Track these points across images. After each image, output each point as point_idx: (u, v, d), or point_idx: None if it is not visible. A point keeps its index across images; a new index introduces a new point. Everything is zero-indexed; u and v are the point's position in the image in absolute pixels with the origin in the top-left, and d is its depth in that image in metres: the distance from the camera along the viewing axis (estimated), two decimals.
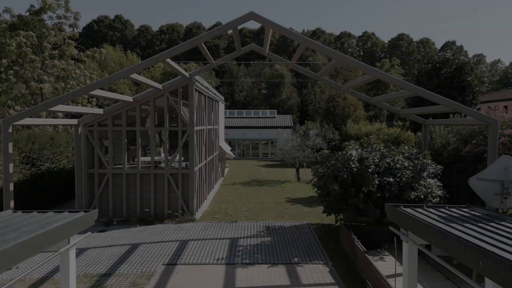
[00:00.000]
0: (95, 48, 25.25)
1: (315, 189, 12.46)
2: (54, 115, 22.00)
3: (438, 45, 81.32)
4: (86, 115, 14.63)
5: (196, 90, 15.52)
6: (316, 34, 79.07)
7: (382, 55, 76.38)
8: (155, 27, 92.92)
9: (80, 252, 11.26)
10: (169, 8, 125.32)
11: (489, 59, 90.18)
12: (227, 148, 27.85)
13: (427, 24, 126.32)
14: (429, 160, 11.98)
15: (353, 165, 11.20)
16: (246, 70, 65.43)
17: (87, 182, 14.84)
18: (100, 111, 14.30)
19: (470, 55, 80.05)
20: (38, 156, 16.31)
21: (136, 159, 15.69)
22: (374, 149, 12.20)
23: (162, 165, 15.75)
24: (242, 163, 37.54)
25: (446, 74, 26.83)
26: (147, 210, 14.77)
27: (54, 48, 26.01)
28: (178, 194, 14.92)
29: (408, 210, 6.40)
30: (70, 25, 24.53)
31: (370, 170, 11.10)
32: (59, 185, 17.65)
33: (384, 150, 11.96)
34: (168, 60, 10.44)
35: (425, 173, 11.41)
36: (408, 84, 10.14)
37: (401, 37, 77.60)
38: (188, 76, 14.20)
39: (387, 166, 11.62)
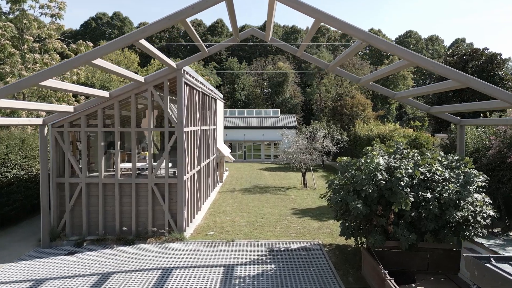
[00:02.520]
0: (80, 41, 22.89)
1: (329, 203, 10.00)
2: (19, 114, 19.68)
3: (447, 43, 78.60)
4: (54, 114, 12.26)
5: (186, 84, 13.13)
6: (321, 31, 76.48)
7: (389, 53, 73.73)
8: None
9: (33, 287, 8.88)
10: (169, 5, 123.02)
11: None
12: (226, 150, 25.45)
13: (435, 21, 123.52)
14: (474, 169, 9.53)
15: (380, 177, 8.76)
16: (248, 67, 63.00)
17: (56, 194, 12.47)
18: (69, 108, 11.93)
19: None
20: (3, 162, 13.97)
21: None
22: (405, 156, 9.74)
23: (147, 172, 13.37)
24: (243, 166, 35.13)
25: (474, 67, 23.97)
26: (125, 228, 12.38)
27: (39, 42, 23.77)
28: (165, 207, 12.53)
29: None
30: (52, 15, 22.15)
31: (402, 184, 8.65)
32: (30, 195, 15.29)
33: (418, 158, 9.50)
34: (143, 41, 8.06)
35: (472, 187, 8.95)
36: (458, 72, 7.72)
37: (409, 34, 74.93)
38: (175, 66, 11.81)
39: (422, 177, 9.17)
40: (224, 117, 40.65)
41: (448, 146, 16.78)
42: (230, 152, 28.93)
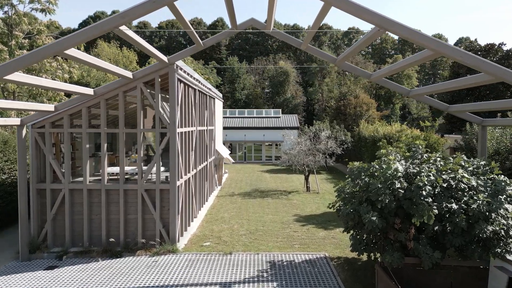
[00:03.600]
0: None
1: (338, 214, 8.84)
2: (7, 114, 18.57)
3: (452, 41, 77.33)
4: (34, 113, 11.14)
5: (180, 80, 12.00)
6: (322, 29, 75.33)
7: (392, 52, 72.52)
8: (154, 23, 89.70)
9: None
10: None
11: None
12: (225, 152, 24.32)
13: (440, 18, 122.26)
14: (503, 176, 8.38)
15: (398, 185, 7.61)
16: (248, 67, 61.89)
17: (37, 201, 11.35)
18: (50, 107, 10.81)
19: None
20: None
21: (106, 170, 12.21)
22: (426, 160, 8.58)
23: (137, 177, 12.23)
24: (243, 167, 33.99)
25: None
26: (112, 240, 11.24)
27: (29, 38, 22.69)
28: (156, 216, 11.40)
29: None
30: (42, 10, 21.04)
31: (424, 193, 7.50)
32: (13, 201, 14.18)
33: (441, 163, 8.35)
34: (123, 28, 6.93)
35: (503, 196, 7.79)
36: (492, 64, 6.58)
37: None
38: (166, 60, 10.68)
39: (445, 185, 8.03)
40: (224, 117, 39.53)
41: (463, 148, 15.66)
42: (229, 154, 27.81)
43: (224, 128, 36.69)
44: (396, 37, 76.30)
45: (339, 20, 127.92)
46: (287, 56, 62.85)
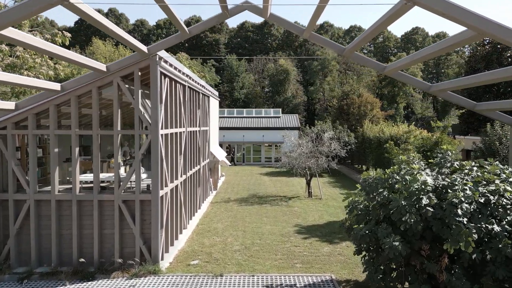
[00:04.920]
0: (56, 31, 20.24)
1: (350, 235, 7.27)
2: None
3: None
4: None
5: (164, 75, 10.45)
6: (324, 27, 73.85)
7: (395, 50, 70.92)
8: (151, 21, 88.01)
9: None
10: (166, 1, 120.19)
11: None
12: (221, 154, 22.77)
13: (440, 18, 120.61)
14: None
15: (427, 202, 6.07)
16: (248, 65, 60.36)
17: None
18: (10, 105, 9.27)
19: None
20: None
21: (83, 177, 10.68)
22: (458, 169, 7.01)
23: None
24: (241, 170, 32.44)
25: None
26: (82, 260, 9.70)
27: None
28: (135, 231, 9.86)
29: None
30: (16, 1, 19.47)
31: (460, 212, 5.96)
32: None
33: (477, 173, 6.78)
34: (73, 1, 5.37)
35: None
36: None
37: (415, 31, 72.13)
38: (145, 50, 9.13)
39: (482, 201, 6.48)
40: (222, 117, 37.99)
41: (483, 151, 14.13)
42: (226, 156, 26.25)
43: (222, 128, 35.16)
44: (399, 35, 74.75)
45: (339, 19, 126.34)
46: (287, 54, 61.28)
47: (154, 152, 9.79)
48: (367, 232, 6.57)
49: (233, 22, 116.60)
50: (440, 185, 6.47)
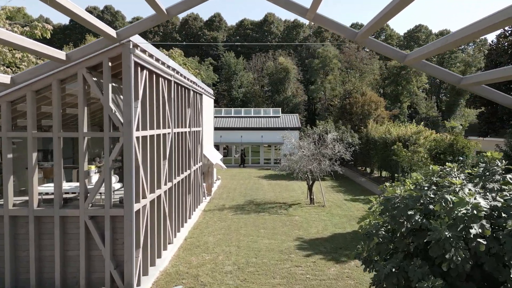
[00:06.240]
0: (35, 23, 18.61)
1: (369, 271, 5.59)
2: None
3: None
4: None
5: (141, 66, 8.81)
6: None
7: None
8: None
9: None
10: (165, 2, 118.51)
11: None
12: (215, 157, 21.12)
13: (446, 14, 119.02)
14: None
15: (479, 231, 4.42)
16: (246, 63, 58.71)
17: None
18: None
19: None
20: None
21: (42, 188, 9.04)
22: (508, 183, 5.32)
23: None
24: (238, 173, 30.79)
25: None
26: None
27: None
28: (105, 253, 8.23)
29: None
30: None
31: None
32: None
33: None
34: None
35: None
36: None
37: (418, 29, 70.43)
38: (114, 35, 7.47)
39: None
40: (219, 117, 36.36)
41: (508, 154, 12.53)
42: (221, 159, 24.58)
43: (218, 129, 33.52)
44: (401, 33, 73.10)
45: (340, 17, 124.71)
46: (287, 52, 59.62)
47: (127, 158, 8.15)
48: (393, 269, 4.93)
49: (232, 20, 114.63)
50: (493, 207, 4.83)
